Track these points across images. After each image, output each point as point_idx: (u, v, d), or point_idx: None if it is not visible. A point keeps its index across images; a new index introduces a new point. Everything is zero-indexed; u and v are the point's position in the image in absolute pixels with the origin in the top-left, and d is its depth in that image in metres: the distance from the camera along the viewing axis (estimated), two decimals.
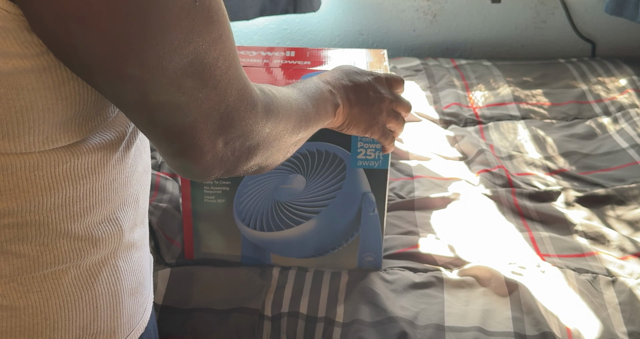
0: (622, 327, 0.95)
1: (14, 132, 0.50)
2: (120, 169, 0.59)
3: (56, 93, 0.50)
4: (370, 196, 1.00)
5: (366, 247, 1.04)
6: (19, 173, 0.52)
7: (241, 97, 0.55)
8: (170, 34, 0.47)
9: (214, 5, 0.50)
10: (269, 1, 1.78)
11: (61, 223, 0.56)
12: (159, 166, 1.32)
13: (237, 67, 0.54)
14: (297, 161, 0.99)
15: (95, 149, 0.56)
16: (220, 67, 0.52)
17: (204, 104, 0.52)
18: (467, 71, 1.76)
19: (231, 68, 0.53)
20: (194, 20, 0.48)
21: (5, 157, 0.51)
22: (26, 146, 0.51)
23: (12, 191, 0.52)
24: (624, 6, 1.76)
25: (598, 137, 1.46)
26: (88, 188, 0.56)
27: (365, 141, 0.97)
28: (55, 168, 0.53)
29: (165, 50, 0.48)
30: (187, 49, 0.49)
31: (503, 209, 1.21)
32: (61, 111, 0.51)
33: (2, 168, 0.51)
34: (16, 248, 0.55)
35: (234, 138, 0.56)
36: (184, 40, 0.48)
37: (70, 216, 0.56)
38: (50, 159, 0.53)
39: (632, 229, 1.17)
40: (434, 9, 1.93)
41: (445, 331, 0.94)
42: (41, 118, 0.50)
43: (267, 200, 1.01)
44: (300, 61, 1.04)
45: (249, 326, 0.96)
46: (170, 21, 0.47)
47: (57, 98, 0.50)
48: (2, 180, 0.52)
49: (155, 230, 1.10)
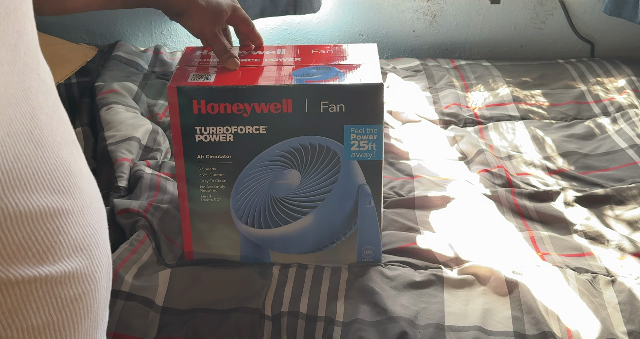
0: (621, 326, 0.96)
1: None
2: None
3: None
4: (366, 188, 1.01)
5: (365, 240, 1.04)
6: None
7: None
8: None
9: None
10: (269, 2, 1.78)
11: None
12: (160, 166, 1.32)
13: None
14: (291, 156, 0.99)
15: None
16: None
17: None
18: (467, 72, 1.76)
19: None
20: None
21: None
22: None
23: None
24: (622, 7, 1.76)
25: (597, 137, 1.47)
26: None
27: (359, 133, 0.97)
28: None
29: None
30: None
31: (503, 208, 1.21)
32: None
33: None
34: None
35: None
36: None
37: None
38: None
39: (631, 229, 1.17)
40: (434, 9, 1.93)
41: (446, 331, 0.95)
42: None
43: (264, 197, 1.01)
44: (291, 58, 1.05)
45: (249, 326, 0.96)
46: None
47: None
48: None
49: (156, 231, 1.10)
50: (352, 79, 0.96)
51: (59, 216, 0.47)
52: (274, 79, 0.97)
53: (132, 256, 1.05)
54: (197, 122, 0.97)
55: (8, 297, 0.42)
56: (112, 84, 1.53)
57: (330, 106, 0.96)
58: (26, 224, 0.44)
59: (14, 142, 0.43)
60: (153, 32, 1.94)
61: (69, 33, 1.90)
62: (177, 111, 0.97)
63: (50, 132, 0.47)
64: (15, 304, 0.43)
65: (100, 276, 0.51)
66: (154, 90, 1.59)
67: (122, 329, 0.96)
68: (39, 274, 0.44)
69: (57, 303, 0.46)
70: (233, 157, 0.99)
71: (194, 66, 1.02)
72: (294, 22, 1.94)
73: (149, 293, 0.99)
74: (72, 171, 0.49)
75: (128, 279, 1.00)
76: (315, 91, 0.95)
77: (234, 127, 0.97)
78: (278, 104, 0.95)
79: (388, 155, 1.37)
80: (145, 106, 1.54)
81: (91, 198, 0.52)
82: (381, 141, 0.98)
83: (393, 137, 1.43)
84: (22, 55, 0.45)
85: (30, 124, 0.45)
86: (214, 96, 0.96)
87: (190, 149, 0.99)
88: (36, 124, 0.45)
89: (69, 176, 0.48)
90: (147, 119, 1.45)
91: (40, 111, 0.46)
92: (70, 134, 0.51)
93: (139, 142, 1.34)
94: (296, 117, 0.96)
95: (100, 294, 0.51)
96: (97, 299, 0.50)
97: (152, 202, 1.15)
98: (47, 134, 0.47)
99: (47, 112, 0.47)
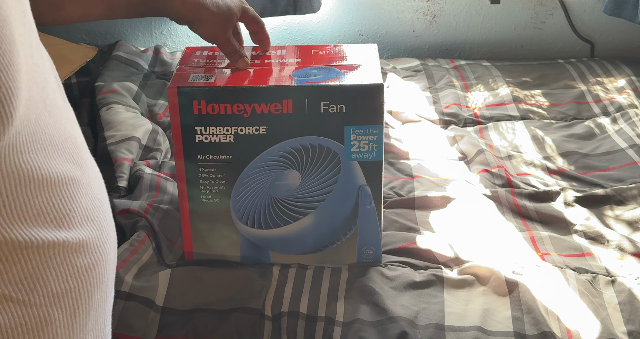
0: (621, 327, 0.96)
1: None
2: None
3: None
4: (366, 188, 1.01)
5: (365, 241, 1.04)
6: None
7: None
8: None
9: None
10: (269, 2, 1.78)
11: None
12: (160, 167, 1.32)
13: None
14: (292, 157, 0.99)
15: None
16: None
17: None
18: (467, 72, 1.76)
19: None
20: None
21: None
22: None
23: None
24: (622, 7, 1.76)
25: (597, 137, 1.47)
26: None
27: (359, 134, 0.97)
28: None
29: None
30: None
31: (503, 209, 1.21)
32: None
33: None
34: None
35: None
36: None
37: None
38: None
39: (631, 229, 1.17)
40: (434, 9, 1.93)
41: (446, 331, 0.95)
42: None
43: (264, 197, 1.01)
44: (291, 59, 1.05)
45: (249, 326, 0.96)
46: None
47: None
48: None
49: (156, 232, 1.10)
50: (353, 80, 0.96)
51: (72, 184, 0.48)
52: (274, 80, 0.97)
53: (133, 256, 1.05)
54: (197, 122, 0.97)
55: (29, 262, 0.44)
56: (112, 84, 1.53)
57: (331, 106, 0.96)
58: (45, 189, 0.45)
59: (34, 106, 0.44)
60: (153, 32, 1.94)
61: (69, 33, 1.90)
62: (178, 112, 0.97)
63: (57, 106, 0.49)
64: (36, 269, 0.45)
65: (109, 248, 0.53)
66: (154, 90, 1.59)
67: (122, 329, 0.96)
68: (57, 239, 0.46)
69: (74, 270, 0.48)
70: (233, 158, 0.99)
71: (195, 66, 1.02)
72: (294, 22, 1.94)
73: (149, 293, 0.99)
74: (78, 144, 0.51)
75: (128, 280, 1.00)
76: (315, 92, 0.95)
77: (235, 127, 0.97)
78: (278, 105, 0.96)
79: (388, 155, 1.37)
80: (145, 106, 1.54)
81: (95, 173, 0.54)
82: (381, 141, 0.98)
83: (393, 137, 1.43)
84: (30, 31, 0.46)
85: (43, 94, 0.46)
86: (214, 97, 0.96)
87: (190, 149, 0.99)
88: (47, 94, 0.47)
89: (76, 148, 0.50)
90: (147, 119, 1.45)
91: (48, 85, 0.47)
92: (72, 112, 0.53)
93: (139, 142, 1.34)
94: (296, 118, 0.96)
95: (109, 265, 0.53)
96: (107, 270, 0.52)
97: (152, 203, 1.15)
98: (56, 107, 0.48)
99: (53, 89, 0.49)
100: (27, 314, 0.44)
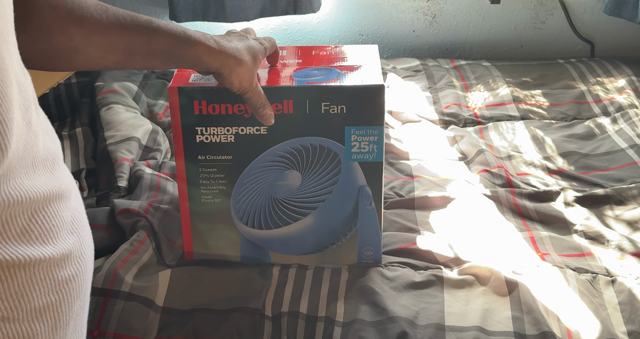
0: (621, 327, 0.96)
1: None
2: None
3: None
4: (366, 189, 1.01)
5: (365, 242, 1.04)
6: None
7: None
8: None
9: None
10: (269, 2, 1.78)
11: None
12: (160, 167, 1.32)
13: None
14: (292, 157, 0.99)
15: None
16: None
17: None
18: (467, 72, 1.76)
19: None
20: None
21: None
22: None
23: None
24: (622, 7, 1.76)
25: (597, 137, 1.47)
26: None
27: (359, 135, 0.97)
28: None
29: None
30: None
31: (503, 209, 1.22)
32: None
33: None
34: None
35: None
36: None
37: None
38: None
39: (631, 229, 1.17)
40: (434, 9, 1.93)
41: (446, 331, 0.95)
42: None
43: (264, 198, 1.01)
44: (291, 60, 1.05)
45: (249, 326, 0.97)
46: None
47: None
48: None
49: (156, 232, 1.10)
50: (353, 81, 0.96)
51: (54, 199, 0.50)
52: (275, 80, 0.97)
53: (133, 256, 1.05)
54: (198, 122, 0.97)
55: (15, 279, 0.45)
56: (112, 84, 1.53)
57: (332, 107, 0.96)
58: (29, 208, 0.46)
59: (21, 131, 0.46)
60: None
61: None
62: (178, 112, 0.97)
63: (39, 123, 0.50)
64: (21, 287, 0.45)
65: (88, 257, 0.54)
66: (154, 90, 1.59)
67: (122, 330, 0.96)
68: (43, 256, 0.47)
69: (55, 284, 0.49)
70: (234, 158, 0.99)
71: None
72: (294, 22, 1.94)
73: (149, 293, 0.99)
74: (57, 158, 0.52)
75: (128, 280, 1.00)
76: (316, 92, 0.95)
77: (235, 127, 0.97)
78: (279, 105, 0.96)
79: (388, 155, 1.38)
80: (145, 106, 1.54)
81: (71, 183, 0.54)
82: (382, 142, 0.98)
83: (393, 138, 1.43)
84: (14, 46, 0.46)
85: (27, 116, 0.47)
86: (215, 97, 0.96)
87: (191, 149, 0.99)
88: (31, 114, 0.48)
89: (55, 161, 0.51)
90: (147, 119, 1.45)
91: (30, 104, 0.48)
92: (48, 122, 0.54)
93: (139, 142, 1.34)
94: (297, 118, 0.96)
95: (87, 274, 0.54)
96: (86, 279, 0.53)
97: (152, 203, 1.15)
98: (38, 124, 0.49)
99: (35, 104, 0.50)
100: (10, 330, 0.45)
